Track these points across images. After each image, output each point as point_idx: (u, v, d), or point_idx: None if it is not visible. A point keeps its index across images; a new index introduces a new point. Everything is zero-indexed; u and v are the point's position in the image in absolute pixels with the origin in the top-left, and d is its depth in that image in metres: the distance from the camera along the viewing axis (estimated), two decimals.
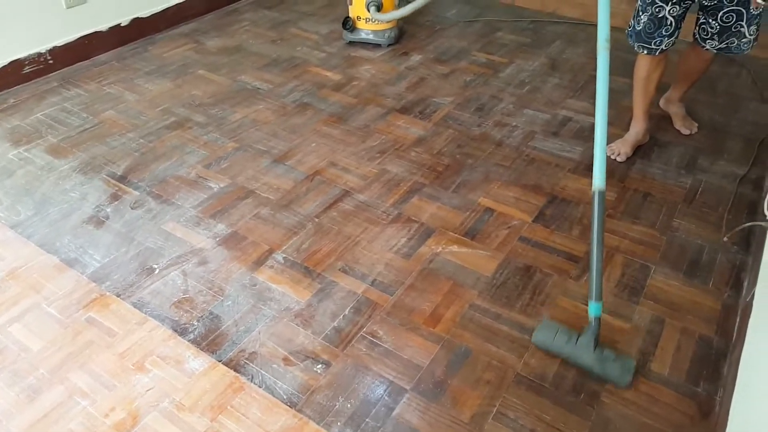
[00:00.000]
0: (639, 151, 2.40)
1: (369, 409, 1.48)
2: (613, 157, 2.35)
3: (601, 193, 1.59)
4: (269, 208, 2.12)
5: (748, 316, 1.57)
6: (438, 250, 1.95)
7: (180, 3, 3.44)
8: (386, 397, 1.51)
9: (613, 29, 3.38)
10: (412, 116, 2.65)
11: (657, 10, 2.09)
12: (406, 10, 2.91)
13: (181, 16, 3.47)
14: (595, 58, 3.10)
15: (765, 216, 1.69)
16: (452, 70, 3.03)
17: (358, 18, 3.15)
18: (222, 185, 2.24)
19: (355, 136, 2.52)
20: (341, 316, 1.72)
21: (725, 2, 2.03)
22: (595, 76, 2.96)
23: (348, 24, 3.16)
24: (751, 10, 2.01)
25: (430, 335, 1.67)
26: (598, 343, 1.55)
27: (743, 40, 2.11)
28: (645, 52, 2.20)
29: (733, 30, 2.09)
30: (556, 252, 1.94)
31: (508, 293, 1.80)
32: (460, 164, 2.35)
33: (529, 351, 1.62)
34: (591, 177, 2.29)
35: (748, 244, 1.94)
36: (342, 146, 2.45)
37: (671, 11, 2.07)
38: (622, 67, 3.01)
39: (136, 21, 3.25)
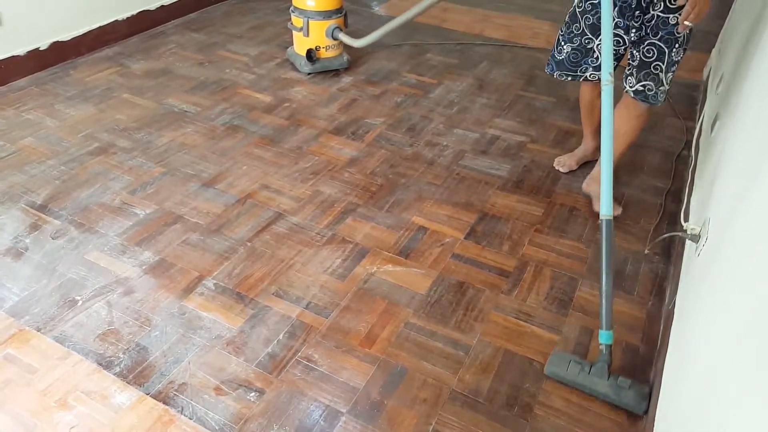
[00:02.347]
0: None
1: None
2: (557, 167, 2.49)
3: (608, 221, 1.66)
4: (199, 234, 2.08)
5: (671, 324, 1.65)
6: (373, 270, 1.96)
7: (103, 26, 3.34)
8: (322, 422, 1.49)
9: (537, 50, 3.58)
10: (345, 137, 2.67)
11: (586, 41, 2.08)
12: (378, 33, 2.95)
13: (104, 39, 3.37)
14: (521, 78, 3.25)
15: (683, 227, 1.79)
16: (383, 91, 3.08)
17: (318, 48, 3.12)
18: (148, 211, 2.17)
19: (288, 157, 2.51)
20: (275, 342, 1.70)
21: (650, 34, 1.96)
22: (521, 96, 3.10)
23: (313, 56, 3.10)
24: (677, 32, 1.91)
25: (366, 356, 1.67)
26: (611, 372, 1.57)
27: (660, 88, 2.02)
28: (569, 79, 2.20)
29: (652, 69, 1.99)
30: (487, 268, 1.99)
31: (443, 310, 1.83)
32: (393, 184, 2.38)
33: (464, 366, 1.65)
34: (519, 194, 2.39)
35: (669, 254, 2.06)
36: (274, 168, 2.44)
37: (599, 46, 2.04)
38: (545, 86, 3.16)
39: (55, 45, 3.13)
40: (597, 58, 2.09)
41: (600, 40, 2.02)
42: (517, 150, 2.63)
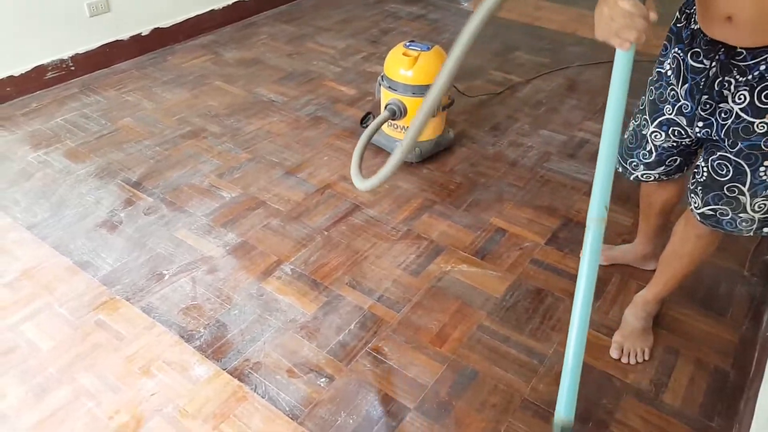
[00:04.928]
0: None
1: (371, 427, 1.46)
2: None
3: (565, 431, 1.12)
4: (279, 220, 2.13)
5: None
6: (447, 269, 1.94)
7: (200, 15, 3.50)
8: (389, 416, 1.49)
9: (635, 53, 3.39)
10: None
11: (642, 123, 1.48)
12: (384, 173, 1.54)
13: (200, 27, 3.52)
14: None
15: None
16: (467, 87, 3.03)
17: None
18: (234, 195, 2.25)
19: (368, 150, 2.52)
20: (346, 331, 1.71)
21: (725, 142, 1.27)
22: None
23: (367, 121, 2.58)
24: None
25: (436, 355, 1.65)
26: None
27: (741, 216, 1.33)
28: (620, 170, 1.60)
29: (726, 192, 1.31)
30: (568, 276, 1.92)
31: (518, 316, 1.78)
32: (472, 183, 2.34)
33: (538, 376, 1.60)
34: (611, 202, 2.28)
35: None
36: None
37: (654, 136, 1.45)
38: (642, 90, 3.01)
39: (156, 31, 3.31)
40: (650, 152, 1.49)
41: (654, 128, 1.44)
42: None
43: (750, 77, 1.18)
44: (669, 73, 1.36)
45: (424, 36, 3.56)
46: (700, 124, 1.31)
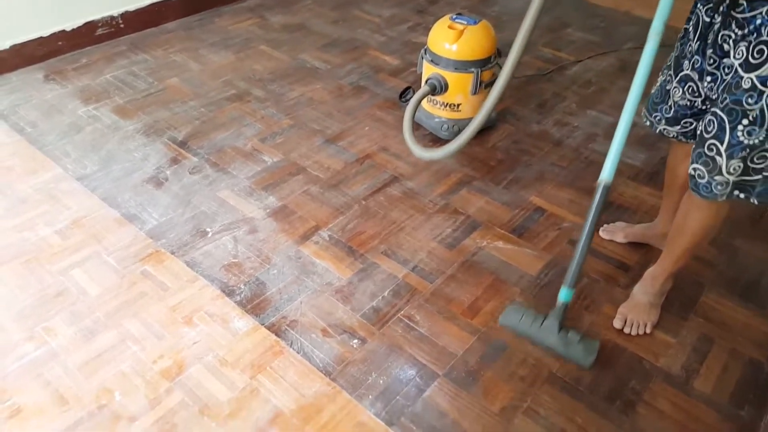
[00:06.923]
0: None
1: (400, 388, 1.50)
2: (601, 234, 1.98)
3: (606, 188, 1.50)
4: (318, 186, 2.16)
5: None
6: (483, 244, 1.94)
7: None
8: (418, 379, 1.53)
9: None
10: None
11: (667, 79, 1.53)
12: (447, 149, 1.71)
13: None
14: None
15: None
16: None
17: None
18: (275, 159, 2.28)
19: None
20: (380, 297, 1.75)
21: (719, 96, 1.32)
22: None
23: (407, 95, 2.58)
24: (748, 102, 1.24)
25: (467, 326, 1.68)
26: (563, 326, 1.57)
27: (717, 179, 1.35)
28: (646, 123, 1.66)
29: (706, 150, 1.35)
30: (606, 258, 1.91)
31: (552, 294, 1.76)
32: (514, 160, 2.33)
33: None
34: (651, 186, 2.23)
35: None
36: (395, 132, 2.46)
37: (674, 91, 1.49)
38: None
39: None
40: (670, 107, 1.53)
41: (676, 83, 1.49)
42: (655, 140, 2.45)
43: (746, 31, 1.23)
44: (690, 29, 1.43)
45: (473, 8, 3.51)
46: (708, 78, 1.37)
